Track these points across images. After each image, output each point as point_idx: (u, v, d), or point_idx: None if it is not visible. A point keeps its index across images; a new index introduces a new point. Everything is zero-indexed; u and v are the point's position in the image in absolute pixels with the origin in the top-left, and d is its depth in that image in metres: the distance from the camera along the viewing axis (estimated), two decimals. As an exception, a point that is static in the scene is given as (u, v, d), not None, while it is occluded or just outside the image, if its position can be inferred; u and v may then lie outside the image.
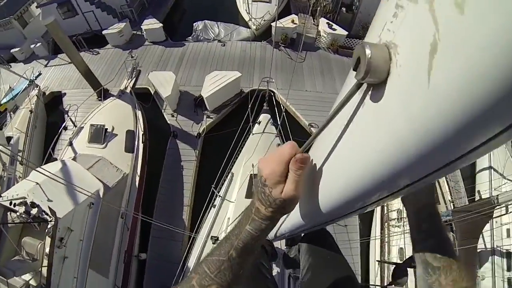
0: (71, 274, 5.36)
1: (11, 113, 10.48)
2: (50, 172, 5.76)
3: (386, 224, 7.35)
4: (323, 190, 0.77)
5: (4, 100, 11.04)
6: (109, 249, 6.33)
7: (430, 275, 0.83)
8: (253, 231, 0.74)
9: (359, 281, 6.68)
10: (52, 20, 8.38)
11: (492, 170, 7.90)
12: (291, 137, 7.14)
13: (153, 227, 7.66)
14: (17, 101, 10.75)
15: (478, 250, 6.45)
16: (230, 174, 6.64)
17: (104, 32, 13.15)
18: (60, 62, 12.90)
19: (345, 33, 11.61)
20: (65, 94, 11.47)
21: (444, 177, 7.51)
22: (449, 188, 7.58)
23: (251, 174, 6.33)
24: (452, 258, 0.84)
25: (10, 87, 11.42)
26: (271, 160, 0.73)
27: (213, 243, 5.88)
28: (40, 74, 12.60)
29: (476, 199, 7.37)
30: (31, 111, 9.68)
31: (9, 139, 9.09)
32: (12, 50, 13.82)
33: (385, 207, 7.51)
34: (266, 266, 1.87)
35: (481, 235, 6.41)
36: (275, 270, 4.62)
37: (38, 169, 6.18)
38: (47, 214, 5.20)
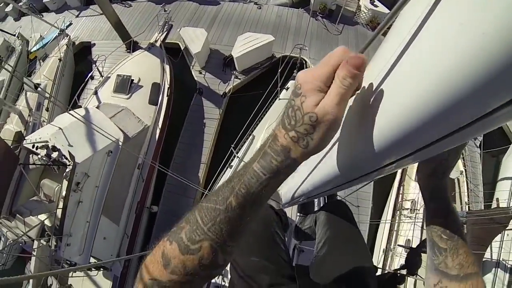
0: (84, 218, 5.49)
1: (41, 61, 10.59)
2: (72, 118, 5.75)
3: (398, 212, 7.25)
4: (371, 125, 0.57)
5: (35, 48, 11.16)
6: (122, 198, 6.44)
7: (437, 255, 0.81)
8: (261, 171, 0.55)
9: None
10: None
11: (515, 180, 7.62)
12: None
13: (167, 182, 7.76)
14: (47, 49, 10.87)
15: (484, 259, 6.34)
16: (251, 136, 6.46)
17: (137, -16, 12.84)
18: (92, 13, 12.74)
19: (387, 11, 10.71)
20: (94, 44, 11.40)
21: (464, 178, 7.41)
22: (467, 190, 7.41)
23: None
24: (460, 242, 0.80)
25: (40, 36, 11.51)
26: (314, 67, 0.53)
27: None
28: (71, 23, 12.53)
29: (493, 207, 7.19)
30: (60, 60, 9.69)
31: (37, 86, 9.16)
32: (44, 0, 13.72)
33: (400, 195, 7.39)
34: (280, 235, 1.69)
35: (490, 245, 6.27)
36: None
37: (61, 115, 6.23)
38: (66, 159, 5.28)
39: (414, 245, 6.43)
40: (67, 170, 5.18)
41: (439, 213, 0.85)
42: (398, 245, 6.75)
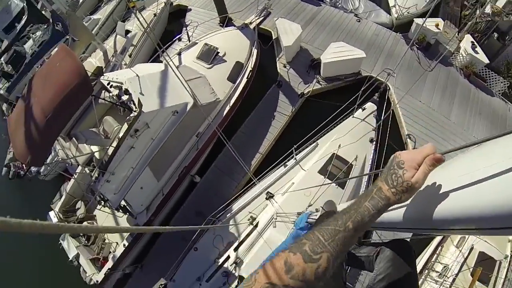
0: (131, 163, 5.59)
1: (137, 11, 10.84)
2: (152, 70, 6.09)
3: (426, 271, 6.79)
4: (436, 200, 0.85)
5: None
6: (172, 158, 6.48)
7: None
8: (370, 208, 0.85)
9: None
10: None
11: None
12: (387, 138, 6.87)
13: (219, 158, 7.79)
14: (146, 3, 11.25)
15: None
16: (314, 144, 6.37)
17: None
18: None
19: (487, 61, 9.97)
20: (190, 9, 11.58)
21: (507, 264, 6.76)
22: (505, 278, 6.66)
23: (333, 153, 6.10)
24: None
25: None
26: (412, 151, 0.88)
27: (266, 198, 5.89)
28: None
29: None
30: (155, 15, 10.00)
31: (127, 32, 9.64)
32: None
33: (435, 255, 6.95)
34: (344, 267, 1.94)
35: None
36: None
37: (142, 64, 6.30)
38: (134, 104, 5.33)
39: None
40: (131, 115, 5.21)
41: None
42: None
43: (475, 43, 10.22)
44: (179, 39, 9.67)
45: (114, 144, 5.22)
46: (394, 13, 11.31)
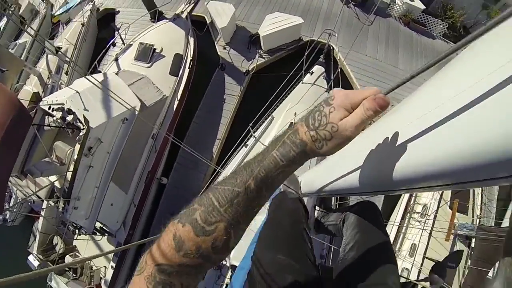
0: (93, 183, 5.46)
1: (64, 25, 10.58)
2: (90, 82, 5.70)
3: (408, 214, 7.08)
4: (396, 155, 0.70)
5: (58, 12, 11.13)
6: (133, 167, 6.38)
7: None
8: (278, 158, 0.65)
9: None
10: None
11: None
12: None
13: (180, 155, 7.76)
14: (70, 14, 10.81)
15: (487, 277, 6.09)
16: (270, 118, 6.33)
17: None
18: (119, -20, 12.43)
19: (423, 7, 10.40)
20: (118, 12, 11.26)
21: (480, 190, 7.19)
22: (481, 203, 7.18)
23: (291, 122, 5.99)
24: None
25: (65, 0, 11.45)
26: (350, 91, 0.64)
27: None
28: (96, -12, 12.27)
29: (504, 225, 6.93)
30: (82, 25, 9.61)
31: (58, 49, 9.17)
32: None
33: (413, 197, 7.23)
34: (308, 233, 1.65)
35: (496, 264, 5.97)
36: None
37: (80, 79, 6.15)
38: (81, 122, 5.19)
39: (420, 251, 6.22)
40: (80, 134, 5.07)
41: None
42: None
43: None
44: (113, 45, 9.41)
45: (71, 168, 5.07)
46: (325, -26, 11.35)
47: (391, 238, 6.74)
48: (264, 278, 1.26)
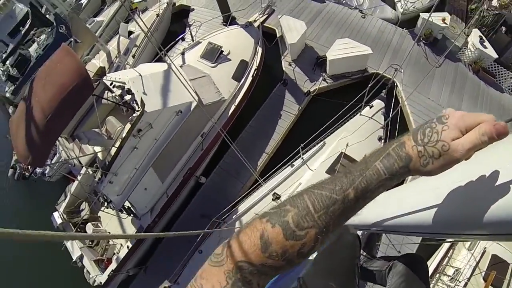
0: (134, 164, 5.54)
1: (140, 12, 10.87)
2: (154, 70, 6.03)
3: (437, 275, 6.60)
4: (494, 194, 0.62)
5: (137, 0, 11.51)
6: (176, 159, 6.39)
7: None
8: (381, 170, 0.62)
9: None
10: None
11: None
12: (396, 136, 6.23)
13: (224, 159, 7.67)
14: (148, 3, 11.23)
15: None
16: (321, 143, 6.20)
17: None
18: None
19: (495, 56, 9.74)
20: (193, 9, 11.51)
21: None
22: None
23: (341, 152, 5.91)
24: None
25: None
26: (465, 112, 0.60)
27: (272, 200, 5.71)
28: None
29: None
30: (157, 15, 9.94)
31: (130, 33, 9.74)
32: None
33: (447, 258, 6.78)
34: (358, 268, 1.63)
35: None
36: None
37: (145, 64, 6.28)
38: (137, 104, 5.27)
39: None
40: (134, 115, 5.15)
41: None
42: None
43: (483, 37, 9.98)
44: (183, 39, 9.63)
45: (117, 144, 5.15)
46: (400, 8, 11.10)
47: None
48: None
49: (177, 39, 8.98)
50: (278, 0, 11.06)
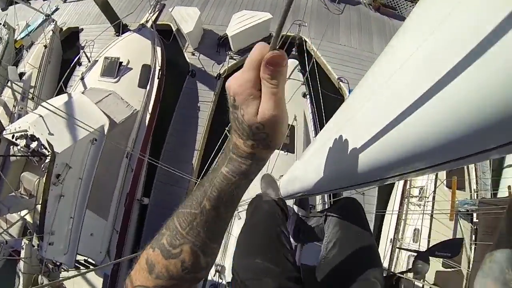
0: (68, 214, 5.07)
1: (27, 49, 10.11)
2: (54, 105, 5.26)
3: (406, 200, 6.89)
4: (353, 145, 0.70)
5: (20, 36, 10.63)
6: (110, 190, 5.98)
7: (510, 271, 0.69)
8: (230, 174, 0.59)
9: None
10: None
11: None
12: (319, 87, 6.66)
13: (158, 171, 7.31)
14: (32, 37, 10.34)
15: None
16: None
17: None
18: (80, -2, 12.12)
19: None
20: (82, 29, 10.89)
21: (473, 164, 6.95)
22: (476, 177, 7.02)
23: None
24: None
25: (26, 23, 11.02)
26: (238, 74, 0.53)
27: None
28: (57, 8, 12.02)
29: (504, 195, 6.76)
30: (45, 46, 9.19)
31: (22, 75, 8.83)
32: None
33: (408, 182, 7.04)
34: (286, 234, 1.63)
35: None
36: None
37: (43, 103, 5.81)
38: (45, 148, 4.83)
39: (424, 235, 6.13)
40: (46, 161, 4.72)
41: None
42: (402, 248, 6.38)
43: None
44: (79, 64, 9.05)
45: (41, 201, 4.70)
46: (293, -34, 11.31)
47: (392, 227, 6.62)
48: (243, 284, 1.26)
49: (71, 65, 8.39)
50: None
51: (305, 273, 1.42)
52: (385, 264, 6.17)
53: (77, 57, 8.84)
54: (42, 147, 4.84)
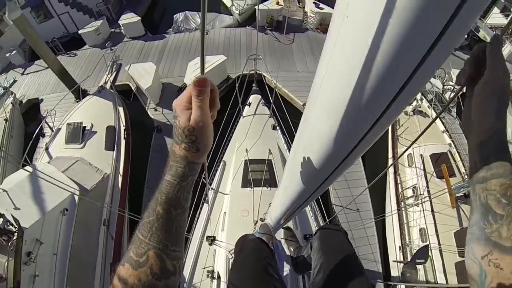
0: None
1: None
2: (18, 179, 5.34)
3: (402, 203, 6.80)
4: (305, 151, 0.92)
5: None
6: (91, 263, 5.55)
7: (490, 223, 0.64)
8: (172, 179, 0.71)
9: (379, 266, 6.66)
10: (19, 15, 7.71)
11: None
12: (287, 116, 6.56)
13: None
14: (-9, 112, 10.09)
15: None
16: (222, 163, 5.91)
17: (80, 31, 12.57)
18: (37, 69, 12.18)
19: (331, 11, 10.77)
20: (42, 100, 10.78)
21: (455, 149, 7.15)
22: (461, 160, 6.98)
23: (245, 160, 5.59)
24: None
25: None
26: (182, 94, 0.71)
27: (209, 244, 5.10)
28: (15, 81, 11.95)
29: None
30: (6, 120, 8.99)
31: None
32: (-13, 63, 13.10)
33: (399, 185, 7.00)
34: (274, 266, 1.79)
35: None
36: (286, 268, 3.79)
37: (8, 176, 5.71)
38: (11, 224, 4.53)
39: (431, 232, 5.98)
40: (14, 238, 4.42)
41: (502, 171, 0.66)
42: (394, 261, 6.34)
43: (317, 1, 11.37)
44: (43, 135, 8.87)
45: (12, 284, 4.37)
46: (235, 10, 11.98)
47: (397, 234, 6.49)
48: None
49: (33, 136, 8.25)
50: (122, 53, 10.94)
51: None
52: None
53: (39, 128, 8.69)
54: (8, 223, 4.55)
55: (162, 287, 0.67)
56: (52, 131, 8.07)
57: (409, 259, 5.44)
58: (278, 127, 6.18)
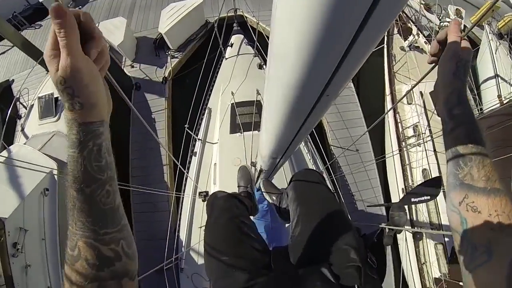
0: (42, 284, 4.36)
1: None
2: None
3: (403, 143, 6.53)
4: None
5: None
6: None
7: (462, 168, 0.70)
8: (71, 152, 0.57)
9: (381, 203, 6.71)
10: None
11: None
12: None
13: (133, 202, 6.65)
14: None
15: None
16: (207, 111, 5.48)
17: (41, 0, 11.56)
18: (3, 50, 11.27)
19: None
20: (13, 80, 10.08)
21: None
22: None
23: (232, 104, 5.13)
24: (485, 151, 0.70)
25: None
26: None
27: (203, 201, 4.74)
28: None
29: (496, 104, 6.35)
30: None
31: None
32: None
33: (400, 124, 6.70)
34: (248, 224, 1.66)
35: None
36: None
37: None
38: None
39: (434, 173, 5.76)
40: (-5, 231, 4.07)
41: (466, 119, 0.74)
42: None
43: None
44: (19, 117, 8.18)
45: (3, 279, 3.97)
46: None
47: (399, 176, 6.27)
48: (217, 285, 1.33)
49: (5, 121, 7.55)
50: (91, 12, 10.17)
51: (276, 255, 1.44)
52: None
53: (10, 110, 7.95)
54: (-13, 218, 4.19)
55: (109, 276, 0.58)
56: (26, 108, 7.46)
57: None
58: (264, 66, 5.71)
